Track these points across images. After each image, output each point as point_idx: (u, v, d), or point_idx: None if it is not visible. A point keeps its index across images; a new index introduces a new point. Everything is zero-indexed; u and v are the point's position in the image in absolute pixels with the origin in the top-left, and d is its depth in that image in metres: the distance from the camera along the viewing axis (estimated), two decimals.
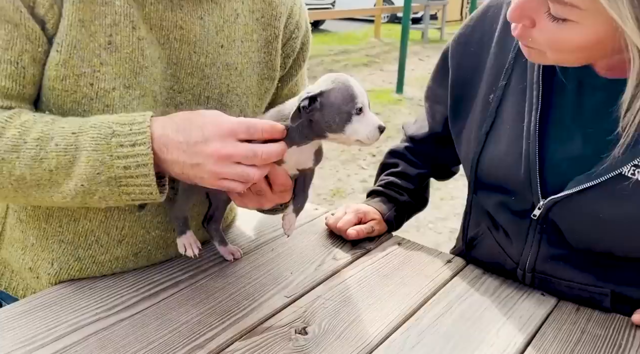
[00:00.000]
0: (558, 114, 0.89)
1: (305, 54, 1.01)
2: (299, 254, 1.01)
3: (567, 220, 0.88)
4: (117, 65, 0.78)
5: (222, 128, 0.72)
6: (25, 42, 0.74)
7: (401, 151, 1.20)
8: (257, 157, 0.72)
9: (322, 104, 0.74)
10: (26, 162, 0.72)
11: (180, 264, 0.96)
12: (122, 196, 0.74)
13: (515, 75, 0.93)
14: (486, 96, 0.97)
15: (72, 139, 0.72)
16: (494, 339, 0.81)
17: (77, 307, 0.83)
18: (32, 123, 0.73)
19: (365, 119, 0.75)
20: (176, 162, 0.73)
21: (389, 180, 1.17)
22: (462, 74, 1.02)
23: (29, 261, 0.88)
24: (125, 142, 0.72)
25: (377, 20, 10.17)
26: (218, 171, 0.72)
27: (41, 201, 0.76)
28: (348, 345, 0.79)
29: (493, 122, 0.95)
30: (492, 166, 0.95)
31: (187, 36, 0.83)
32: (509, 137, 0.92)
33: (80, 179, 0.72)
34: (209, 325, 0.81)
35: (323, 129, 0.75)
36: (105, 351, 0.75)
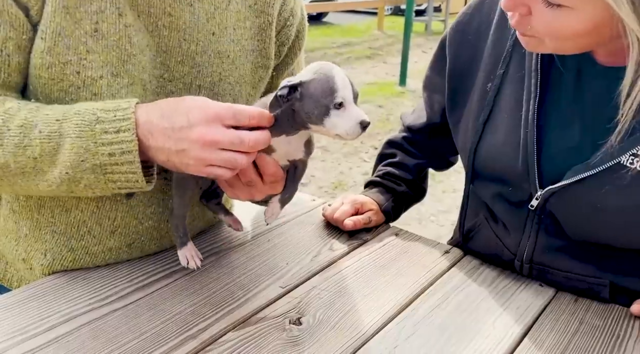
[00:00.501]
0: (556, 102, 0.88)
1: (301, 42, 0.99)
2: (295, 245, 1.01)
3: (565, 210, 0.86)
4: (104, 53, 0.76)
5: (207, 113, 0.70)
6: (8, 29, 0.73)
7: (399, 141, 1.19)
8: (243, 144, 0.71)
9: (302, 94, 0.72)
10: (10, 149, 0.71)
11: (174, 255, 0.94)
12: (108, 183, 0.73)
13: (514, 63, 0.92)
14: (484, 85, 0.95)
15: (55, 126, 0.71)
16: (490, 330, 0.80)
17: (70, 297, 0.82)
18: (16, 110, 0.72)
19: (346, 114, 0.72)
20: (161, 149, 0.71)
21: (386, 170, 1.16)
22: (459, 63, 1.00)
23: (22, 252, 0.88)
24: (110, 129, 0.71)
25: (380, 13, 10.11)
26: (204, 156, 0.70)
27: (27, 190, 0.75)
28: (342, 335, 0.78)
29: (491, 111, 0.93)
30: (489, 156, 0.94)
31: (176, 23, 0.82)
32: (507, 126, 0.91)
33: (64, 166, 0.71)
34: (203, 315, 0.80)
35: (304, 120, 0.74)
36: (98, 341, 0.74)
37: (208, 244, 0.99)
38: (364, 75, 6.52)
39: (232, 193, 0.83)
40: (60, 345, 0.73)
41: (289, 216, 1.11)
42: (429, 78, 1.11)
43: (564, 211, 0.87)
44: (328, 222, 1.09)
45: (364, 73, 6.67)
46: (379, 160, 1.21)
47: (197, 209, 0.97)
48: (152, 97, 0.82)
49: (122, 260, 0.91)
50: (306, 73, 0.74)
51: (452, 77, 1.02)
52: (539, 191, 0.87)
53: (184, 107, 0.71)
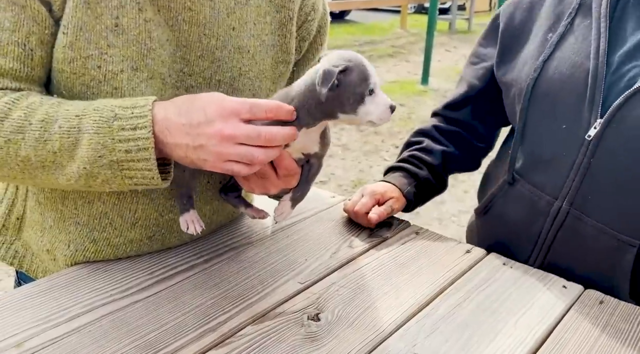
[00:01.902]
0: (622, 42, 0.94)
1: (323, 37, 0.99)
2: (314, 241, 1.01)
3: (623, 138, 0.88)
4: (124, 48, 0.77)
5: (224, 108, 0.70)
6: (32, 24, 0.74)
7: (428, 129, 1.20)
8: (260, 138, 0.70)
9: (340, 82, 0.72)
10: (31, 143, 0.72)
11: (195, 248, 0.96)
12: (125, 179, 0.74)
13: (579, 17, 0.99)
14: (544, 35, 1.02)
15: (75, 122, 0.72)
16: (512, 330, 0.79)
17: (92, 288, 0.84)
18: (37, 105, 0.74)
19: (376, 99, 0.73)
20: (179, 145, 0.72)
21: (410, 154, 1.16)
22: (512, 26, 1.10)
23: (46, 242, 0.89)
24: (127, 126, 0.71)
25: (404, 11, 10.04)
26: (221, 151, 0.70)
27: (48, 183, 0.77)
28: (361, 332, 0.77)
29: (552, 52, 0.98)
30: (550, 89, 0.97)
31: (196, 18, 0.82)
32: (572, 61, 0.95)
33: (82, 161, 0.72)
34: (222, 309, 0.81)
35: (335, 110, 0.74)
36: (119, 331, 0.75)
37: (228, 239, 0.99)
38: (386, 74, 6.49)
39: (247, 186, 0.83)
40: (82, 335, 0.74)
41: (308, 213, 1.10)
42: (476, 53, 1.16)
43: (622, 139, 0.88)
44: (348, 219, 1.09)
45: (386, 71, 6.64)
46: (405, 147, 1.21)
47: (217, 203, 0.97)
48: (172, 91, 0.83)
49: (143, 252, 0.92)
50: (337, 60, 0.73)
51: (504, 37, 1.09)
52: (599, 119, 0.90)
53: (200, 104, 0.72)
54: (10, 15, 0.73)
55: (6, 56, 0.74)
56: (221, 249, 0.96)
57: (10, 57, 0.74)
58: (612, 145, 0.90)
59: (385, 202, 1.06)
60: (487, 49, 1.14)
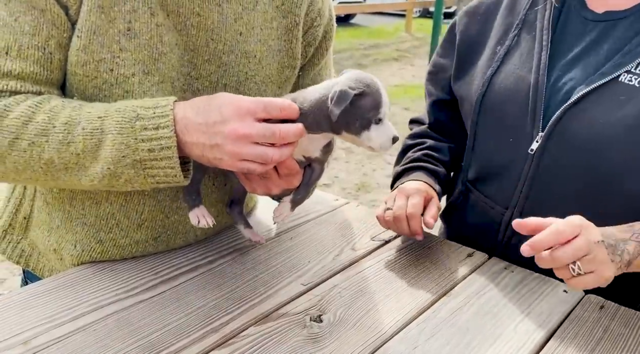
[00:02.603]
0: (562, 54, 0.96)
1: (329, 43, 1.00)
2: (317, 244, 1.01)
3: (565, 145, 0.91)
4: (136, 52, 0.78)
5: (240, 108, 0.72)
6: (51, 28, 0.75)
7: (423, 132, 1.19)
8: (275, 136, 0.72)
9: (352, 103, 0.72)
10: (54, 145, 0.73)
11: (200, 249, 0.97)
12: (147, 178, 0.75)
13: (525, 27, 1.01)
14: (494, 48, 1.04)
15: (97, 123, 0.74)
16: (512, 335, 0.80)
17: (98, 288, 0.85)
18: (60, 108, 0.75)
19: (382, 128, 0.75)
20: (196, 144, 0.73)
21: (423, 152, 1.13)
22: (467, 37, 1.09)
23: (53, 242, 0.91)
24: (149, 125, 0.73)
25: (409, 15, 10.05)
26: (237, 151, 0.72)
27: (70, 184, 0.78)
28: (362, 334, 0.78)
29: (499, 66, 1.01)
30: (496, 104, 0.99)
31: (204, 23, 0.83)
32: (516, 76, 0.98)
33: (106, 162, 0.74)
34: (225, 310, 0.82)
35: (340, 127, 0.75)
36: (123, 331, 0.76)
37: (232, 240, 1.00)
38: (390, 78, 6.49)
39: (249, 187, 0.84)
40: (87, 333, 0.75)
41: (312, 215, 1.11)
42: (435, 63, 1.17)
43: (564, 146, 0.91)
44: (350, 222, 1.10)
45: (390, 75, 6.64)
46: (407, 149, 1.17)
47: (222, 206, 0.98)
48: (180, 94, 0.84)
49: (149, 253, 0.93)
50: (355, 83, 0.74)
51: (460, 50, 1.10)
52: (540, 132, 0.93)
53: (217, 103, 0.73)
54: (30, 19, 0.74)
55: (27, 60, 0.75)
56: (225, 250, 0.97)
57: (31, 61, 0.75)
58: (554, 157, 0.92)
59: (430, 202, 1.00)
60: (445, 60, 1.14)
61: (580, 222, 0.75)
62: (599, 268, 0.73)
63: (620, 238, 0.77)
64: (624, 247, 0.76)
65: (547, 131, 0.92)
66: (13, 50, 0.74)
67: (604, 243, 0.74)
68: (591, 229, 0.75)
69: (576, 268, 0.73)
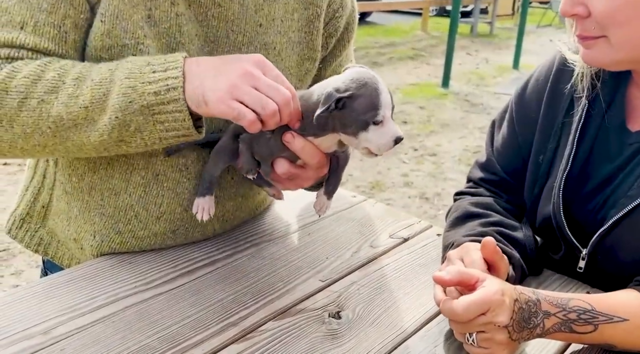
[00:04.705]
0: (588, 174, 0.89)
1: (351, 34, 0.99)
2: (335, 240, 1.01)
3: (610, 264, 0.86)
4: (155, 39, 0.79)
5: (255, 56, 0.73)
6: (68, 7, 0.75)
7: (488, 202, 0.97)
8: (278, 91, 0.70)
9: (345, 105, 0.71)
10: (63, 100, 0.73)
11: (218, 243, 0.96)
12: (157, 125, 0.73)
13: (564, 137, 0.91)
14: (535, 156, 0.95)
15: (107, 74, 0.73)
16: None
17: (117, 279, 0.85)
18: (70, 66, 0.75)
19: (382, 130, 0.71)
20: (199, 75, 0.72)
21: (495, 229, 0.90)
22: (523, 127, 0.98)
23: (73, 232, 0.91)
24: (158, 69, 0.72)
25: (425, 14, 9.99)
26: (237, 84, 0.69)
27: (80, 145, 0.76)
28: (382, 332, 0.77)
29: (545, 183, 0.93)
30: (541, 227, 0.94)
31: (225, 14, 0.83)
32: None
33: (114, 109, 0.73)
34: (244, 304, 0.81)
35: (337, 128, 0.73)
36: (142, 323, 0.76)
37: (250, 235, 1.00)
38: (406, 76, 6.46)
39: (283, 186, 0.84)
40: (107, 325, 0.75)
41: (329, 211, 1.10)
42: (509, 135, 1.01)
43: (610, 264, 0.86)
44: (368, 219, 1.09)
45: (406, 74, 6.61)
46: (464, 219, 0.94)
47: (240, 200, 0.98)
48: None
49: (167, 246, 0.93)
50: (352, 82, 0.71)
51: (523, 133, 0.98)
52: (583, 250, 0.87)
53: (235, 55, 0.74)
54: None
55: (42, 36, 0.75)
56: (243, 245, 0.97)
57: (46, 38, 0.75)
58: (602, 271, 0.88)
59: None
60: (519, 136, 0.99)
61: (491, 298, 0.68)
62: (494, 347, 0.70)
63: (543, 310, 0.71)
64: (540, 322, 0.70)
65: (589, 255, 0.87)
66: (29, 25, 0.74)
67: (508, 326, 0.68)
68: (500, 310, 0.68)
69: (470, 340, 0.70)
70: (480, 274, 0.72)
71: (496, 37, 9.70)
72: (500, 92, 5.95)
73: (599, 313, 0.72)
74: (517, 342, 0.71)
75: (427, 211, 3.27)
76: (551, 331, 0.71)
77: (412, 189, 3.54)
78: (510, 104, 1.01)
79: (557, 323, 0.71)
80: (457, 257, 0.80)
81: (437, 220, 3.02)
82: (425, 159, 4.04)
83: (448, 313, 0.71)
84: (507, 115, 1.01)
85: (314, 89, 0.76)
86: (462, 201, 0.98)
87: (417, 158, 4.06)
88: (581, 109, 0.89)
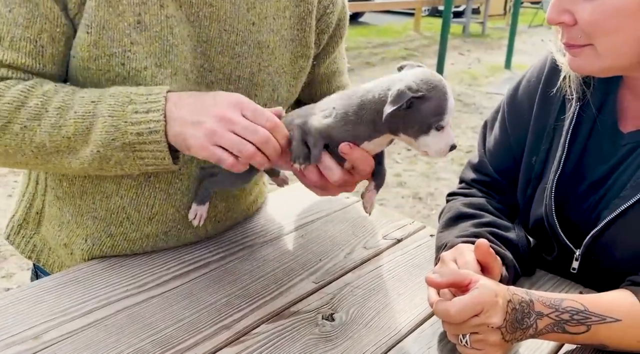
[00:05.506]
0: (580, 174, 0.89)
1: (342, 31, 0.99)
2: (328, 242, 1.00)
3: (602, 265, 0.86)
4: (147, 44, 0.78)
5: (231, 98, 0.73)
6: (44, 22, 0.75)
7: (480, 203, 0.96)
8: (257, 133, 0.71)
9: (412, 105, 0.68)
10: (46, 129, 0.74)
11: (210, 246, 0.96)
12: (137, 160, 0.75)
13: (557, 138, 0.91)
14: (528, 157, 0.95)
15: (90, 107, 0.74)
16: None
17: (108, 283, 0.84)
18: (53, 93, 0.75)
19: (441, 135, 0.70)
20: (179, 119, 0.73)
21: (487, 230, 0.90)
22: (515, 128, 0.98)
23: (64, 237, 0.90)
24: (140, 109, 0.73)
25: (418, 14, 10.01)
26: (216, 130, 0.71)
27: (60, 168, 0.78)
28: (375, 333, 0.77)
29: (538, 184, 0.93)
30: (534, 228, 0.94)
31: (217, 13, 0.83)
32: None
33: (96, 144, 0.74)
34: (237, 307, 0.81)
35: (399, 128, 0.71)
36: (134, 326, 0.75)
37: (243, 237, 1.00)
38: None
39: (330, 193, 0.82)
40: (98, 329, 0.75)
41: (323, 213, 1.10)
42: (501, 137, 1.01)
43: (602, 265, 0.86)
44: (362, 220, 1.09)
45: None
46: (456, 219, 0.94)
47: (232, 201, 0.98)
48: (194, 87, 0.83)
49: (159, 247, 0.92)
50: (420, 82, 0.69)
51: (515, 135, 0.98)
52: (576, 251, 0.88)
53: (213, 93, 0.75)
54: (25, 12, 0.74)
55: (19, 51, 0.75)
56: (236, 247, 0.96)
57: (23, 53, 0.75)
58: (596, 270, 0.88)
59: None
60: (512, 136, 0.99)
61: (485, 300, 0.68)
62: (487, 349, 0.70)
63: (536, 311, 0.71)
64: (533, 323, 0.70)
65: (582, 255, 0.87)
66: (5, 41, 0.74)
67: (501, 328, 0.69)
68: (493, 311, 0.68)
69: (464, 341, 0.70)
70: (474, 276, 0.72)
71: (488, 37, 9.74)
72: (493, 92, 5.97)
73: (592, 314, 0.72)
74: (510, 343, 0.71)
75: (421, 210, 3.27)
76: (544, 332, 0.72)
77: (405, 189, 3.55)
78: (502, 105, 1.01)
79: (550, 324, 0.71)
80: (451, 259, 0.80)
81: (430, 220, 3.03)
82: (418, 159, 4.05)
83: (441, 315, 0.71)
84: (499, 116, 1.01)
85: (371, 87, 0.73)
86: (455, 201, 0.99)
87: (410, 158, 4.07)
88: (572, 111, 0.89)
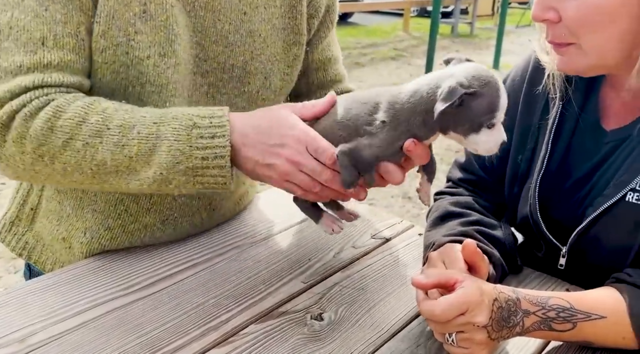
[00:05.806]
0: (565, 173, 0.90)
1: (332, 16, 1.01)
2: (317, 242, 1.01)
3: (588, 261, 0.87)
4: (152, 34, 0.79)
5: (295, 137, 0.74)
6: (80, 15, 0.75)
7: (468, 202, 0.96)
8: (320, 176, 0.74)
9: (463, 102, 0.66)
10: (109, 147, 0.73)
11: (199, 247, 0.96)
12: (196, 184, 0.76)
13: (542, 137, 0.92)
14: (514, 154, 0.95)
15: (153, 129, 0.74)
16: None
17: (97, 284, 0.84)
18: (113, 111, 0.74)
19: (492, 133, 0.69)
20: (250, 159, 0.75)
21: (475, 228, 0.90)
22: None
23: (63, 231, 0.90)
24: (205, 134, 0.74)
25: (406, 14, 10.05)
26: (287, 172, 0.74)
27: (116, 188, 0.77)
28: (364, 332, 0.78)
29: (524, 183, 0.94)
30: (521, 226, 0.95)
31: (211, 4, 0.84)
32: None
33: (159, 167, 0.74)
34: (225, 307, 0.81)
35: (449, 126, 0.69)
36: (122, 328, 0.75)
37: (231, 238, 1.00)
38: (387, 77, 6.48)
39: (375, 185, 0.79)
40: (87, 330, 0.74)
41: None
42: None
43: (588, 261, 0.87)
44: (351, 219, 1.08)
45: (388, 74, 6.64)
46: (442, 219, 0.94)
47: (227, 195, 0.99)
48: (190, 76, 0.84)
49: (157, 238, 0.93)
50: (471, 78, 0.67)
51: None
52: (562, 248, 0.89)
53: (277, 124, 0.75)
54: (60, 7, 0.74)
55: (63, 49, 0.74)
56: (224, 248, 0.96)
57: (67, 49, 0.74)
58: (583, 265, 0.88)
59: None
60: None
61: (469, 299, 0.68)
62: (473, 347, 0.70)
63: (523, 309, 0.71)
64: (520, 321, 0.71)
65: (568, 253, 0.88)
66: (49, 40, 0.73)
67: (487, 326, 0.69)
68: (479, 310, 0.68)
69: (450, 340, 0.71)
70: (460, 275, 0.72)
71: (476, 38, 9.80)
72: None
73: (578, 311, 0.73)
74: (497, 341, 0.72)
75: (410, 210, 3.29)
76: (531, 330, 0.72)
77: (394, 189, 3.56)
78: None
79: (537, 322, 0.72)
80: (439, 259, 0.81)
81: (420, 219, 3.04)
82: None
83: (427, 314, 0.71)
84: None
85: (415, 87, 0.72)
86: (442, 200, 0.99)
87: None
88: (555, 110, 0.90)
